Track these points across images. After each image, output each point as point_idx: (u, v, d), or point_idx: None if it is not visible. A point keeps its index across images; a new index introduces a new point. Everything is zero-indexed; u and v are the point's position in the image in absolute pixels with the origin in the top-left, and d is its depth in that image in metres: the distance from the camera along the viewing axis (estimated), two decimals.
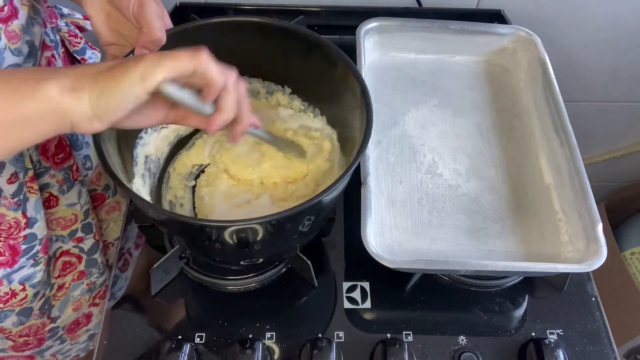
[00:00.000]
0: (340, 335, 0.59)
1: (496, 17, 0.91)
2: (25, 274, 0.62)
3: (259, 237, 0.49)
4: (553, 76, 0.73)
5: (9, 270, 0.60)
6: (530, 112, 0.75)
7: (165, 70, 0.38)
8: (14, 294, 0.62)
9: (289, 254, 0.61)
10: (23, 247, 0.60)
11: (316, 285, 0.62)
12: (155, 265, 0.58)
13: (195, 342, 0.57)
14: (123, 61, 0.39)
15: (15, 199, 0.56)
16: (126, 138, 0.59)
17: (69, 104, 0.37)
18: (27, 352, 0.73)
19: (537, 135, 0.72)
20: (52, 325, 0.72)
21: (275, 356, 0.57)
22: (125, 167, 0.56)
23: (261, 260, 0.59)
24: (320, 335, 0.58)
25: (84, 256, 0.71)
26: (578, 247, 0.59)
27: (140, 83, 0.38)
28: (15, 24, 0.50)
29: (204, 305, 0.61)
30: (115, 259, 0.66)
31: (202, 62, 0.40)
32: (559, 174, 0.65)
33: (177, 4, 0.89)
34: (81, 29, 0.69)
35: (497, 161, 0.70)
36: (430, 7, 0.91)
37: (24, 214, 0.58)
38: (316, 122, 0.66)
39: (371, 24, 0.78)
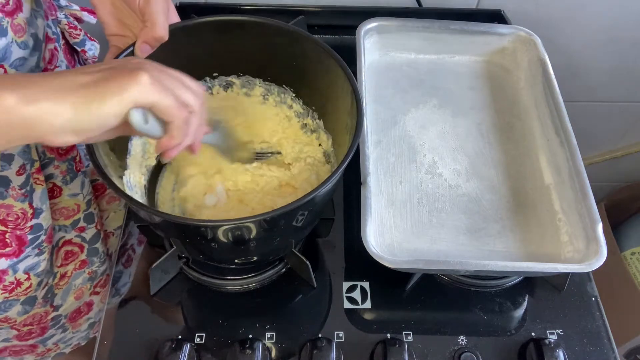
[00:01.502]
0: (340, 335, 0.59)
1: (496, 17, 0.91)
2: (30, 263, 0.63)
3: (253, 235, 0.49)
4: (553, 76, 0.73)
5: (15, 260, 0.61)
6: (530, 112, 0.75)
7: (148, 99, 0.38)
8: (19, 283, 0.63)
9: (285, 251, 0.60)
10: (29, 237, 0.60)
11: (315, 285, 0.62)
12: (154, 265, 0.58)
13: (195, 342, 0.57)
14: (107, 75, 0.38)
15: (23, 190, 0.57)
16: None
17: (39, 116, 0.35)
18: (31, 341, 0.74)
19: (537, 135, 0.72)
20: (55, 313, 0.73)
21: (275, 356, 0.57)
22: (117, 159, 0.56)
23: (255, 258, 0.59)
24: (320, 335, 0.58)
25: (86, 245, 0.71)
26: (578, 247, 0.59)
27: (125, 102, 0.37)
28: (21, 17, 0.50)
29: (204, 305, 0.61)
30: (117, 249, 0.66)
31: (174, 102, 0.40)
32: (559, 174, 0.65)
33: (177, 4, 0.89)
34: (79, 20, 0.70)
35: (497, 161, 0.70)
36: (430, 7, 0.91)
37: (30, 204, 0.58)
38: (312, 126, 0.66)
39: (371, 24, 0.78)
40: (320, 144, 0.65)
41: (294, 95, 0.65)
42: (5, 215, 0.57)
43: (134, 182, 0.59)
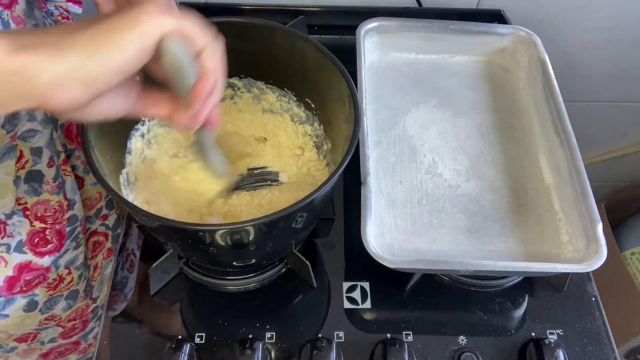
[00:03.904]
0: (340, 335, 0.59)
1: (496, 17, 0.91)
2: (69, 258, 0.64)
3: (252, 238, 0.49)
4: (553, 76, 0.73)
5: (56, 255, 0.61)
6: (530, 112, 0.75)
7: (170, 25, 0.32)
8: (61, 279, 0.64)
9: (284, 252, 0.60)
10: (67, 229, 0.61)
11: (315, 285, 0.62)
12: (154, 265, 0.58)
13: (195, 342, 0.57)
14: (118, 13, 0.32)
15: (56, 182, 0.58)
16: (124, 126, 0.58)
17: (37, 64, 0.29)
18: (74, 338, 0.75)
19: (537, 135, 0.72)
20: (94, 305, 0.74)
21: (275, 356, 0.57)
22: (115, 157, 0.55)
23: (255, 260, 0.59)
24: (320, 335, 0.58)
25: (110, 233, 0.73)
26: (578, 247, 0.59)
27: (146, 33, 0.32)
28: (19, 9, 0.51)
29: (204, 305, 0.61)
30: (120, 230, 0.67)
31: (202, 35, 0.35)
32: (559, 174, 0.65)
33: (177, 4, 0.89)
34: (66, 11, 0.70)
35: (497, 161, 0.70)
36: (430, 7, 0.91)
37: (64, 196, 0.59)
38: (310, 131, 0.65)
39: (371, 24, 0.78)
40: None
41: (295, 99, 0.65)
42: (44, 211, 0.58)
43: (132, 180, 0.59)
